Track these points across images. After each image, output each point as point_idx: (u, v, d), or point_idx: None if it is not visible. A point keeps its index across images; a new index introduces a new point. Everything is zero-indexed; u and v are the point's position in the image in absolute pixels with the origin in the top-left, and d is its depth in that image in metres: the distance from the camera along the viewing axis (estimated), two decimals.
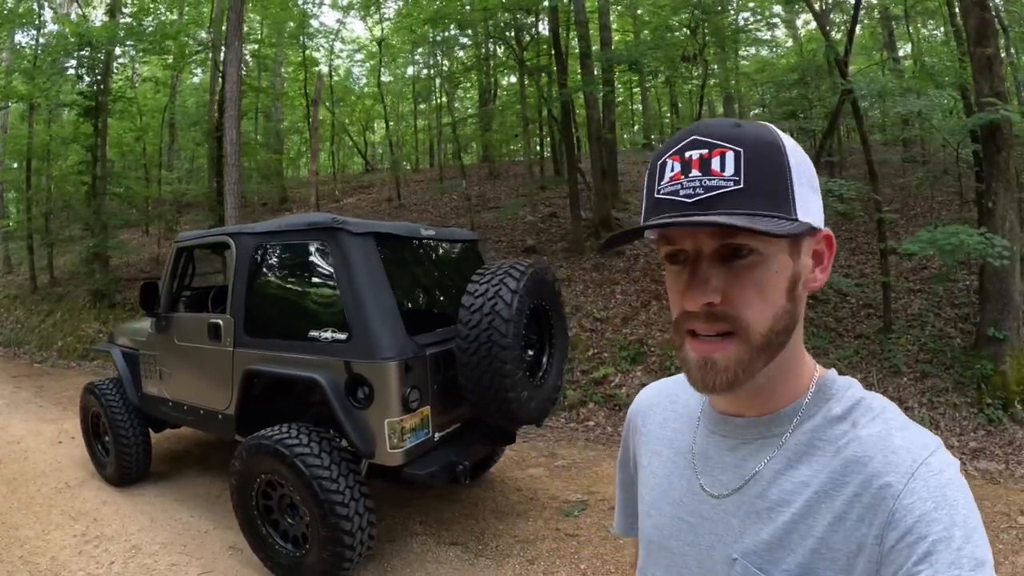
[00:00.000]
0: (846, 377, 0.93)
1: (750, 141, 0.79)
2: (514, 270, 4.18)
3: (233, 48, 11.98)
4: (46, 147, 18.04)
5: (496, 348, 3.93)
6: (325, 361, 4.07)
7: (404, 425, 3.86)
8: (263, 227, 4.81)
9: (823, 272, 0.89)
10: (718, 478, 0.94)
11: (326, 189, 21.44)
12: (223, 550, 4.52)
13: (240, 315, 4.66)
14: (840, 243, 10.43)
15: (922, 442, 0.81)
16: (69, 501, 5.57)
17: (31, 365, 13.61)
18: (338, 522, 3.68)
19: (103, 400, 5.78)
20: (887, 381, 6.93)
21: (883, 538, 0.75)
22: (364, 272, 4.05)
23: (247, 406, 4.59)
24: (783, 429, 0.89)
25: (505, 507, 5.19)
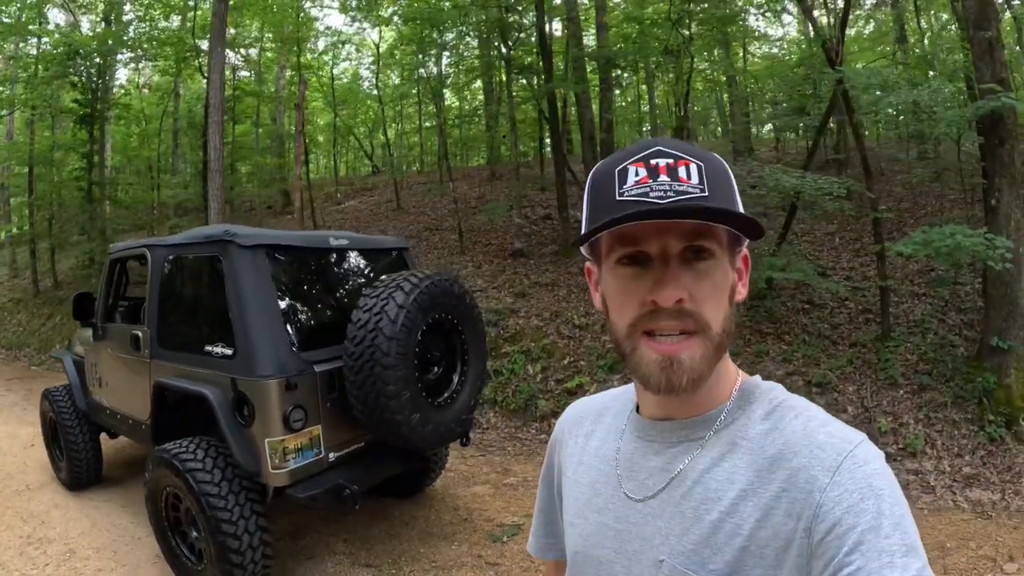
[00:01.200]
0: (769, 382, 0.96)
1: (706, 158, 0.86)
2: (406, 283, 4.00)
3: (216, 54, 12.03)
4: (48, 153, 18.29)
5: (378, 367, 3.75)
6: (215, 376, 4.01)
7: (287, 445, 3.75)
8: (172, 240, 4.85)
9: (744, 287, 0.94)
10: (643, 482, 0.94)
11: (329, 192, 21.24)
12: (149, 558, 4.56)
13: (154, 326, 4.67)
14: (844, 244, 9.91)
15: (846, 436, 0.82)
16: (25, 503, 5.78)
17: (28, 368, 13.90)
18: (225, 540, 3.61)
19: (55, 406, 5.92)
20: (881, 394, 6.39)
21: (811, 531, 0.76)
22: (250, 286, 3.94)
23: (161, 417, 4.58)
24: (707, 431, 0.91)
25: (435, 528, 5.05)
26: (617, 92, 24.16)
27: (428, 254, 12.69)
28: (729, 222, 0.82)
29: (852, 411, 6.29)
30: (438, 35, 14.54)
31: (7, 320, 18.37)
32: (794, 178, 7.26)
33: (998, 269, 5.65)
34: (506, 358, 8.47)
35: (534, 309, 9.27)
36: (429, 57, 18.30)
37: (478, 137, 20.93)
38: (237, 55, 20.46)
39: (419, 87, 20.03)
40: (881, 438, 5.90)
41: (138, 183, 21.42)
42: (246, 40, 21.11)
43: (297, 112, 14.21)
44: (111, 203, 19.49)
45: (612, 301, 0.91)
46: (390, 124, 24.51)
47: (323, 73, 22.05)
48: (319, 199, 19.43)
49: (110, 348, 5.36)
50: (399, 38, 18.78)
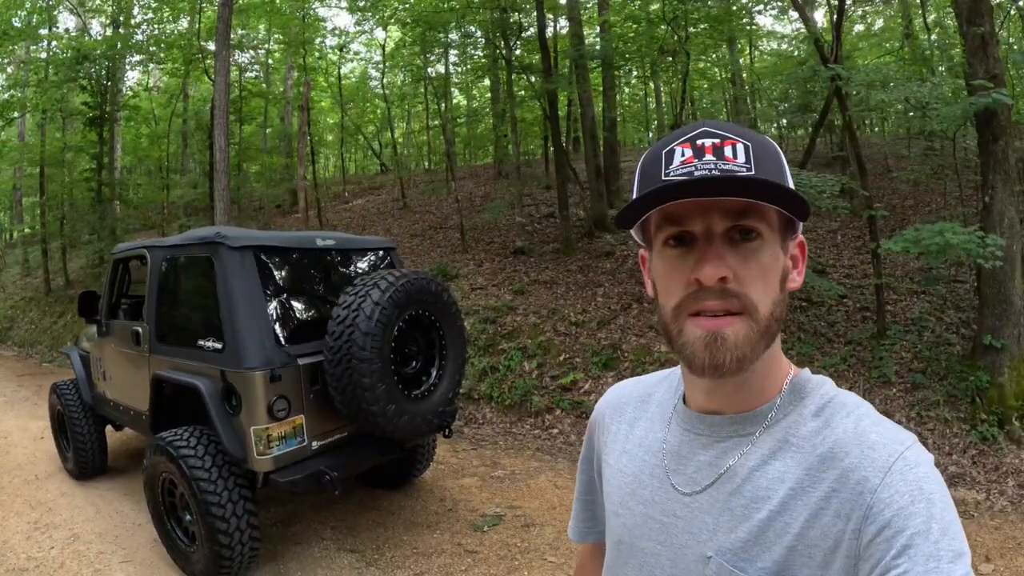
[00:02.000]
0: (820, 376, 0.94)
1: (754, 138, 0.85)
2: (383, 281, 4.18)
3: (221, 57, 12.11)
4: (59, 155, 18.59)
5: (355, 361, 3.94)
6: (207, 369, 4.23)
7: (271, 433, 3.95)
8: (169, 241, 5.08)
9: (799, 275, 0.92)
10: (691, 476, 0.93)
11: (337, 191, 21.33)
12: (148, 542, 4.74)
13: (153, 323, 4.92)
14: (846, 241, 9.87)
15: (897, 437, 0.81)
16: (34, 492, 6.02)
17: (40, 365, 14.12)
18: (213, 522, 3.81)
19: (63, 399, 6.16)
20: (874, 392, 6.36)
21: (860, 532, 0.75)
22: (238, 284, 4.14)
23: (160, 408, 4.77)
24: (757, 427, 0.89)
25: (420, 517, 5.19)
26: (626, 90, 24.16)
27: (431, 252, 12.75)
28: (770, 197, 0.79)
29: None
30: (442, 35, 14.55)
31: (20, 318, 18.66)
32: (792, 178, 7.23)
33: (988, 267, 5.61)
34: (503, 354, 8.50)
35: (532, 306, 9.30)
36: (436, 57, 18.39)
37: (484, 136, 20.94)
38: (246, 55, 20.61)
39: (425, 87, 20.08)
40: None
41: (148, 183, 21.67)
42: (253, 42, 21.25)
43: (301, 112, 14.29)
44: (121, 203, 19.69)
45: (660, 284, 0.90)
46: (398, 123, 24.57)
47: (331, 73, 22.11)
48: (327, 198, 19.52)
49: (113, 344, 5.58)
50: (403, 38, 18.82)
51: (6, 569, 4.54)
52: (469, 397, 8.06)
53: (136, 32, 18.54)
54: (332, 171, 31.01)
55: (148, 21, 18.74)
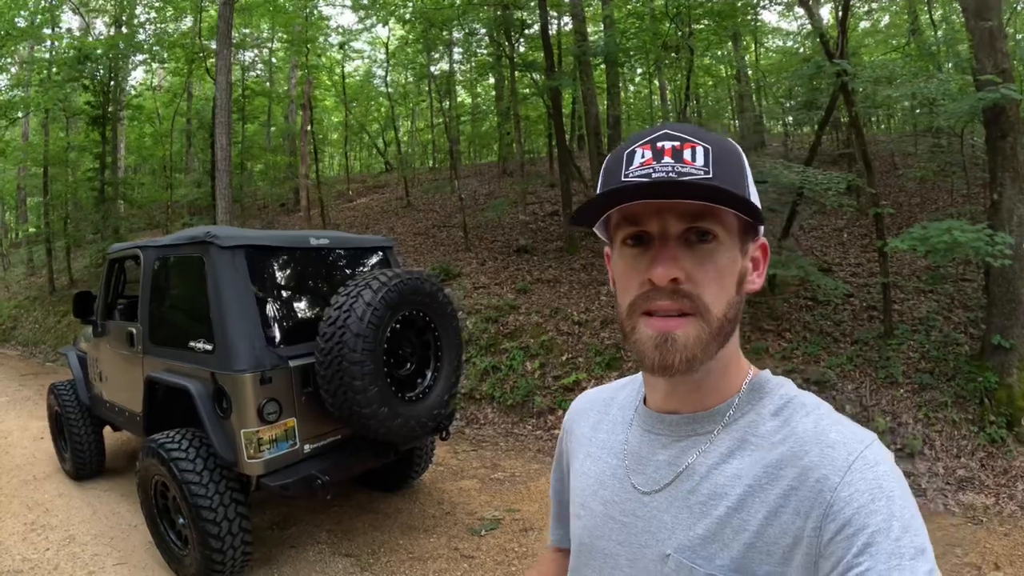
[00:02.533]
0: (780, 377, 0.95)
1: (715, 142, 0.86)
2: (375, 282, 4.11)
3: (222, 56, 12.11)
4: (63, 154, 18.62)
5: (346, 363, 3.88)
6: (197, 371, 4.19)
7: (261, 436, 3.90)
8: (162, 241, 5.03)
9: (759, 277, 0.93)
10: (650, 476, 0.93)
11: (341, 189, 21.30)
12: (143, 545, 4.73)
13: (146, 323, 4.91)
14: (852, 239, 9.76)
15: (857, 436, 0.82)
16: (31, 492, 6.03)
17: (43, 364, 14.14)
18: (204, 526, 3.79)
19: (60, 400, 6.17)
20: (881, 392, 6.26)
21: (821, 530, 0.75)
22: (228, 284, 4.10)
23: (153, 409, 4.74)
24: (715, 425, 0.90)
25: (417, 521, 5.14)
26: (631, 88, 24.05)
27: (434, 251, 12.70)
28: (721, 202, 0.80)
29: (850, 410, 6.16)
30: (446, 33, 14.48)
31: (24, 318, 18.67)
32: (795, 173, 7.13)
33: (997, 265, 5.51)
34: (505, 354, 8.44)
35: (535, 305, 9.22)
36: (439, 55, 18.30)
37: (489, 134, 20.87)
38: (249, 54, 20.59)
39: (429, 85, 20.03)
40: (879, 438, 5.79)
41: (152, 182, 21.68)
42: (257, 41, 21.24)
43: (303, 111, 14.23)
44: (125, 202, 19.70)
45: (618, 281, 0.92)
46: (402, 122, 24.50)
47: (335, 72, 22.07)
48: (331, 197, 19.47)
49: (109, 344, 5.57)
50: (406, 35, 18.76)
51: (1, 570, 4.54)
52: (471, 397, 8.01)
53: (138, 31, 18.57)
54: (337, 170, 31.02)
55: (151, 20, 18.81)
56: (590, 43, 12.36)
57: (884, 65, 7.88)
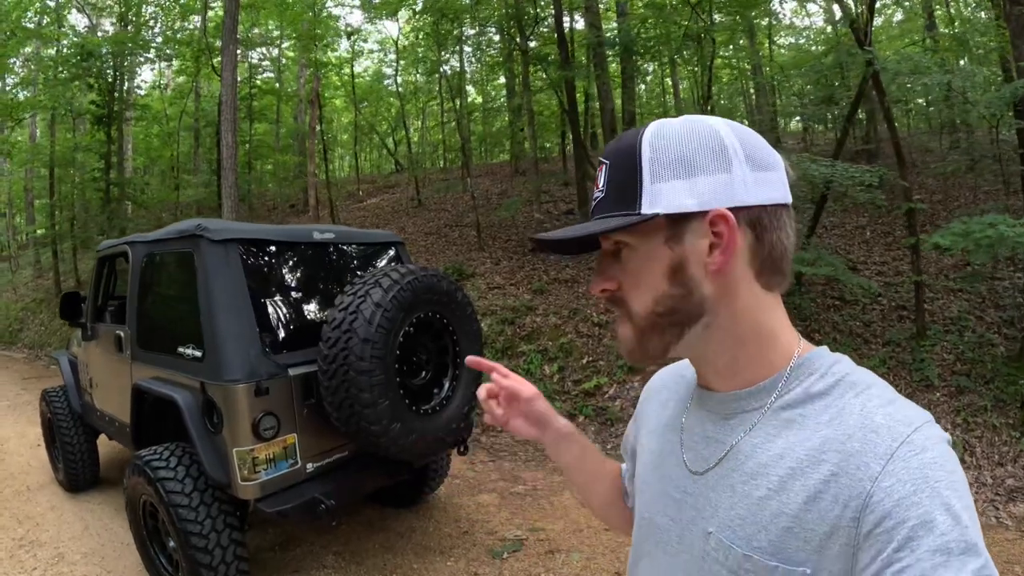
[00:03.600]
0: (835, 354, 0.90)
1: (615, 152, 0.89)
2: (385, 279, 3.63)
3: (228, 52, 11.94)
4: (69, 155, 18.53)
5: (352, 372, 3.40)
6: (186, 380, 3.74)
7: (257, 455, 3.44)
8: (151, 236, 4.54)
9: (723, 253, 0.85)
10: (700, 452, 0.94)
11: (351, 190, 21.19)
12: (134, 565, 4.36)
13: (134, 326, 4.47)
14: (876, 237, 9.51)
15: (905, 418, 0.77)
16: (23, 505, 5.75)
17: (47, 367, 13.84)
18: (194, 554, 3.39)
19: (52, 407, 5.85)
20: (916, 396, 5.99)
21: (860, 522, 0.72)
22: (220, 283, 3.64)
23: (141, 420, 4.32)
24: (761, 403, 0.87)
25: (433, 541, 4.72)
26: (642, 85, 23.84)
27: (446, 250, 12.50)
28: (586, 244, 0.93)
29: None
30: (456, 27, 14.32)
31: (30, 320, 18.62)
32: (824, 167, 6.89)
33: None
34: (522, 357, 8.20)
35: (552, 306, 8.98)
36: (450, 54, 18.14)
37: (500, 132, 20.73)
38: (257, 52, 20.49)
39: (440, 83, 19.92)
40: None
41: (160, 183, 21.61)
42: (265, 39, 21.15)
43: (311, 108, 14.06)
44: (132, 203, 19.61)
45: None
46: (412, 121, 24.36)
47: (345, 71, 21.96)
48: (341, 197, 19.36)
49: (99, 348, 5.20)
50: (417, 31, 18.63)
51: None
52: None
53: (144, 30, 18.48)
54: (347, 170, 30.95)
55: (156, 19, 18.74)
56: (605, 34, 12.18)
57: (909, 57, 7.60)
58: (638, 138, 0.86)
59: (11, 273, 25.10)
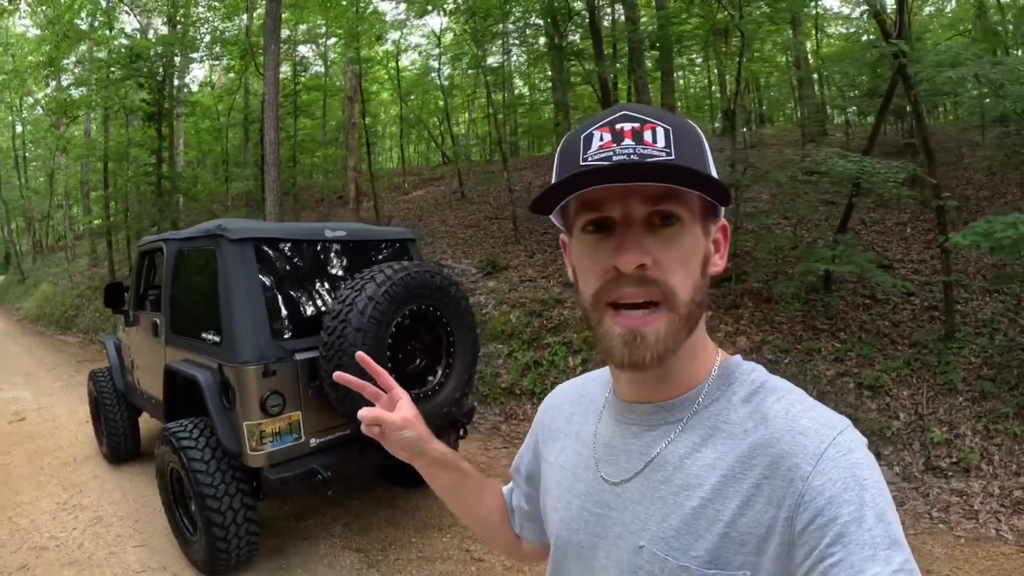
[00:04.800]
0: (750, 362, 0.93)
1: (675, 122, 0.82)
2: (379, 275, 4.05)
3: (270, 52, 12.19)
4: (123, 150, 19.25)
5: (345, 357, 3.82)
6: (207, 362, 4.27)
7: (264, 428, 3.91)
8: (182, 234, 5.12)
9: (722, 259, 0.90)
10: (621, 465, 0.92)
11: (397, 182, 21.39)
12: (164, 529, 4.79)
13: (168, 314, 5.05)
14: (916, 234, 9.24)
15: (830, 422, 0.80)
16: (69, 474, 6.35)
17: (100, 351, 14.48)
18: (209, 514, 3.86)
19: (98, 386, 6.50)
20: (938, 400, 5.86)
21: (793, 520, 0.74)
22: (236, 277, 4.12)
23: (172, 397, 4.85)
24: (685, 413, 0.88)
25: (434, 519, 5.09)
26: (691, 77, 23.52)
27: (483, 243, 12.58)
28: (689, 183, 0.77)
29: (904, 418, 5.79)
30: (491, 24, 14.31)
31: (85, 307, 19.34)
32: (851, 163, 6.72)
33: None
34: (547, 349, 8.23)
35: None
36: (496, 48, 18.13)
37: (544, 125, 20.67)
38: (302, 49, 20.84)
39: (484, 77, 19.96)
40: (934, 450, 5.41)
41: (212, 176, 22.17)
42: (313, 36, 21.46)
43: (349, 104, 14.21)
44: (183, 196, 20.17)
45: (579, 269, 0.89)
46: (458, 114, 24.44)
47: (390, 65, 22.15)
48: (388, 189, 19.57)
49: (139, 334, 5.81)
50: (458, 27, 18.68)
51: (29, 547, 4.78)
52: (511, 392, 7.86)
53: (191, 30, 18.98)
54: (395, 163, 31.20)
55: (203, 19, 19.23)
56: (640, 30, 12.06)
57: (948, 48, 7.35)
58: (693, 124, 0.86)
59: (67, 262, 26.09)
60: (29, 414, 8.80)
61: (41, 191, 33.49)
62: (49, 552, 4.66)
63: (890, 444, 5.66)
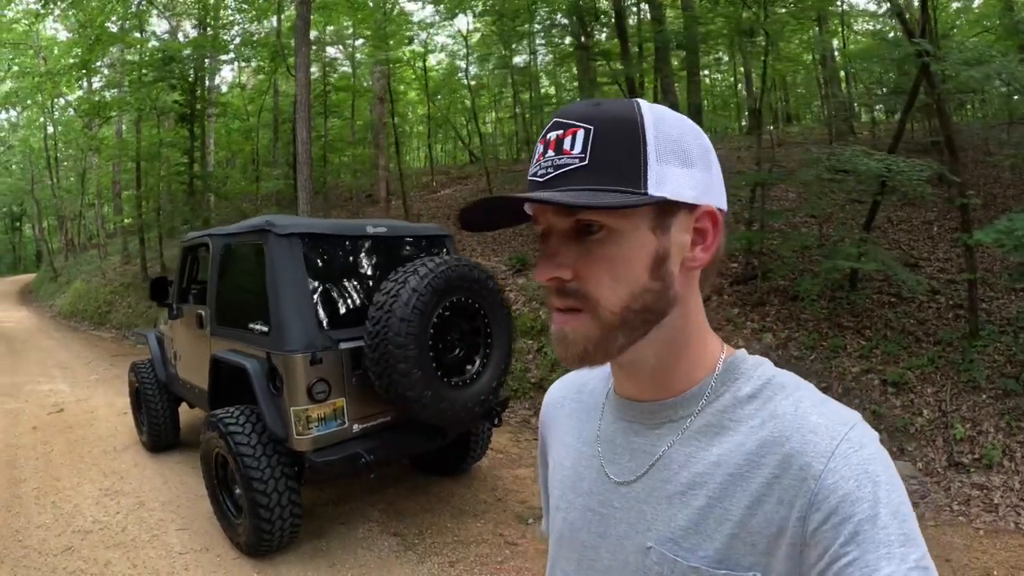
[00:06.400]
0: (756, 356, 0.90)
1: (602, 118, 0.79)
2: (422, 268, 4.21)
3: (301, 53, 12.36)
4: (155, 150, 19.62)
5: (391, 347, 3.99)
6: (255, 351, 4.46)
7: (310, 414, 4.09)
8: (228, 229, 5.33)
9: (705, 251, 0.84)
10: (625, 465, 0.90)
11: (425, 181, 21.54)
12: (206, 513, 4.98)
13: (213, 306, 5.24)
14: (942, 233, 9.25)
15: (841, 418, 0.77)
16: (109, 462, 6.50)
17: (134, 346, 14.82)
18: (255, 496, 4.03)
19: (139, 377, 6.69)
20: (962, 398, 5.92)
21: (806, 520, 0.72)
22: (284, 270, 4.30)
23: (218, 386, 5.03)
24: (689, 411, 0.86)
25: (468, 506, 5.25)
26: (717, 75, 23.48)
27: (512, 241, 12.72)
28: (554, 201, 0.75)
29: (928, 414, 5.86)
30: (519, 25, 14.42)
31: (118, 303, 19.71)
32: (876, 161, 6.78)
33: None
34: None
35: None
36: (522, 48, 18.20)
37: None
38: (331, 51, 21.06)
39: (512, 77, 20.04)
40: (956, 446, 5.47)
41: (241, 176, 22.47)
42: (341, 37, 21.69)
43: (380, 104, 14.36)
44: (215, 195, 20.48)
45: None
46: (485, 113, 24.54)
47: (417, 65, 22.33)
48: (416, 188, 19.74)
49: (183, 326, 6.02)
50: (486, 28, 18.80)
51: (73, 530, 4.90)
52: (540, 387, 7.97)
53: (222, 32, 19.32)
54: (423, 162, 31.39)
55: (233, 22, 19.53)
56: (666, 30, 12.12)
57: (973, 46, 7.34)
58: (635, 111, 0.80)
59: (100, 259, 26.56)
60: (68, 405, 8.95)
61: (72, 190, 34.10)
62: (93, 535, 4.80)
63: (913, 440, 5.73)
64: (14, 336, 17.14)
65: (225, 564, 4.33)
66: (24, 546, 4.67)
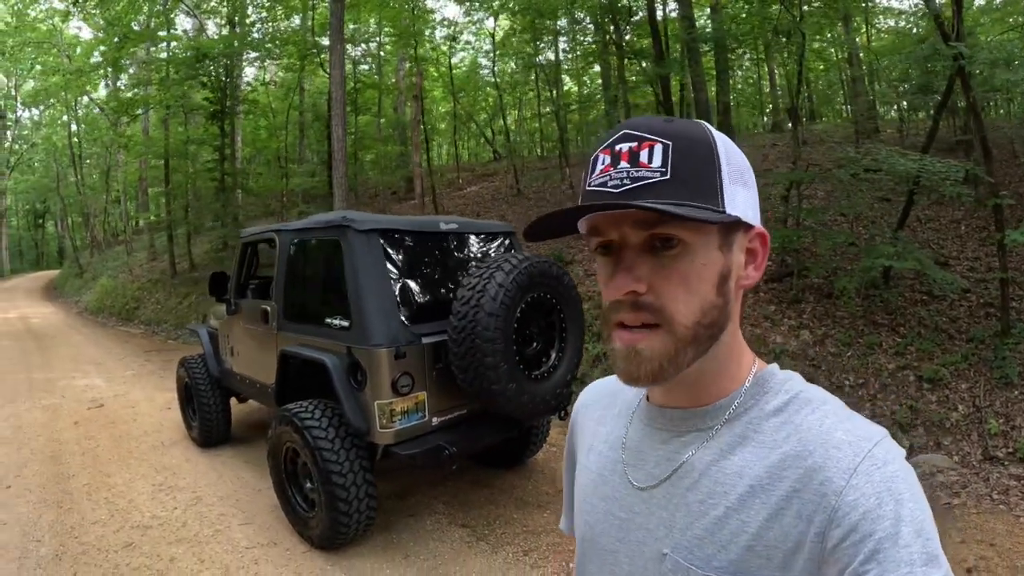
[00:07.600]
0: (787, 371, 0.91)
1: (679, 135, 0.80)
2: (506, 264, 4.29)
3: (335, 51, 12.51)
4: (183, 147, 19.81)
5: (479, 341, 4.07)
6: (333, 346, 4.48)
7: (394, 408, 4.16)
8: (297, 225, 5.35)
9: (756, 270, 0.88)
10: (648, 471, 0.91)
11: (451, 178, 21.71)
12: (267, 507, 5.07)
13: (281, 302, 5.26)
14: (970, 232, 9.36)
15: (865, 434, 0.77)
16: (159, 457, 6.49)
17: (165, 341, 15.17)
18: (334, 490, 4.08)
19: (190, 372, 6.67)
20: (995, 394, 6.06)
21: (825, 536, 0.72)
22: (365, 265, 4.34)
23: (285, 381, 5.07)
24: (717, 421, 0.87)
25: (531, 497, 5.31)
26: (739, 73, 23.51)
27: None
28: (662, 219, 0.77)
29: (963, 410, 6.01)
30: (551, 22, 14.53)
31: (147, 299, 19.91)
32: (912, 161, 6.92)
33: None
34: None
35: None
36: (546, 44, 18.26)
37: (596, 122, 20.83)
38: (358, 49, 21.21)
39: (536, 74, 20.13)
40: (991, 440, 5.62)
41: (267, 173, 22.71)
42: (364, 35, 21.86)
43: (415, 102, 14.47)
44: (243, 191, 20.68)
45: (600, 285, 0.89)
46: (509, 111, 24.64)
47: (442, 63, 22.48)
48: (442, 184, 19.87)
49: (242, 321, 5.98)
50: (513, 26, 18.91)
51: (131, 526, 4.90)
52: (582, 383, 8.08)
53: (251, 30, 19.61)
54: (446, 158, 31.54)
55: (262, 20, 19.77)
56: (700, 29, 12.24)
57: (1001, 46, 7.44)
58: (707, 132, 0.83)
59: (126, 256, 26.81)
60: (107, 401, 8.93)
61: (97, 187, 34.45)
62: (153, 530, 4.78)
63: (949, 435, 5.88)
64: (43, 332, 17.22)
65: (296, 558, 4.35)
66: (82, 543, 4.63)
